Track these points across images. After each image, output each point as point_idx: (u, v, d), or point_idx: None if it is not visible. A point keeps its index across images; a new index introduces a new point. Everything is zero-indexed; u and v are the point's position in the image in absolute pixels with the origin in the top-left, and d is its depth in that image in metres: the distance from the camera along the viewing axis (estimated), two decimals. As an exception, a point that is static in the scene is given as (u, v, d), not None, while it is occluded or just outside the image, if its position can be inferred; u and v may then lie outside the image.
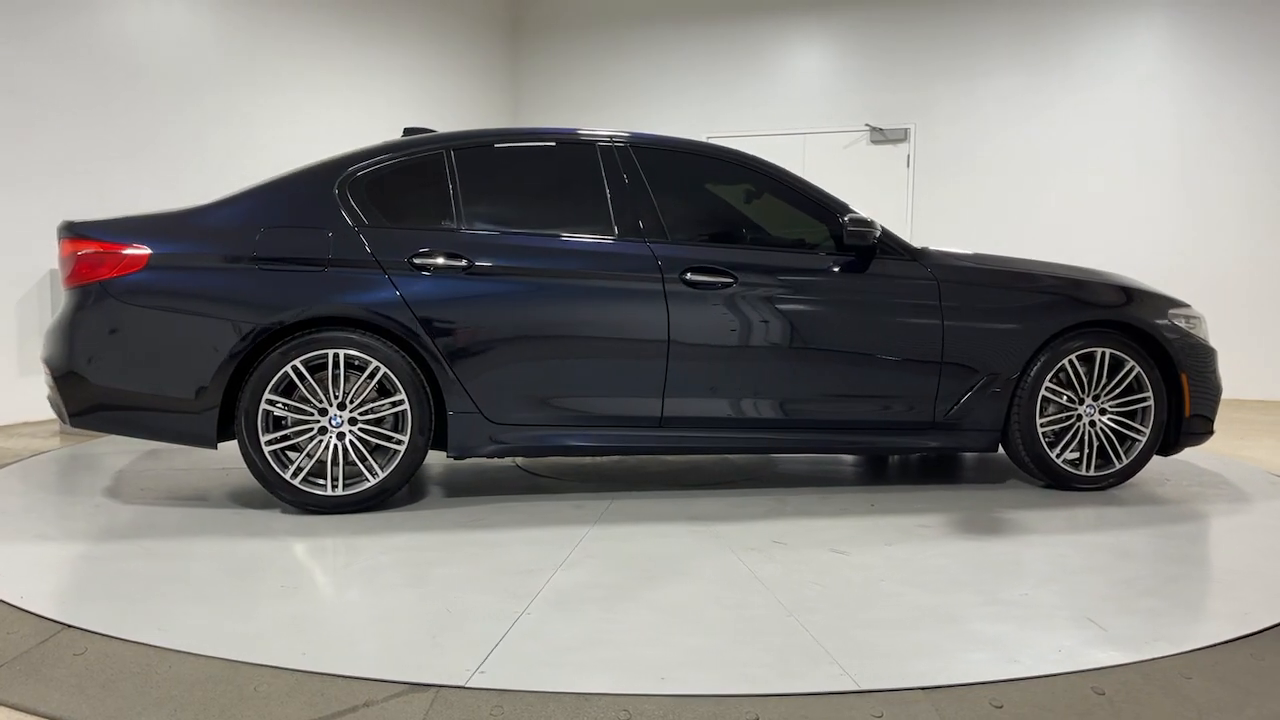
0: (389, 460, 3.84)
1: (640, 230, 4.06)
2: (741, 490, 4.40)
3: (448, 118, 9.38)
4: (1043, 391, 4.23)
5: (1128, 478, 4.39)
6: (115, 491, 4.25)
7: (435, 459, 4.93)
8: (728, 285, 4.01)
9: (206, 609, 2.77)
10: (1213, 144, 8.24)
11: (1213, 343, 4.53)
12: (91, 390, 3.78)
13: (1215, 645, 2.58)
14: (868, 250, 4.15)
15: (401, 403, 3.81)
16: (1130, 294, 4.37)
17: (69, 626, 2.64)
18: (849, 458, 5.22)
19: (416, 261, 3.86)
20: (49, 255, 6.27)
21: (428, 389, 3.86)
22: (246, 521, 3.75)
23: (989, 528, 3.78)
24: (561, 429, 3.99)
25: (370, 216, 3.94)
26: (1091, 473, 4.33)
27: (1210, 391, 4.41)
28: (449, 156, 4.09)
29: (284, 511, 3.84)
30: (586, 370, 3.97)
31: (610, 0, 10.28)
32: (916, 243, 4.41)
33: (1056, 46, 8.70)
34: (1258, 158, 8.12)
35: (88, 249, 3.81)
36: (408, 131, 4.42)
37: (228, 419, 3.82)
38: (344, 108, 8.49)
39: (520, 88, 10.71)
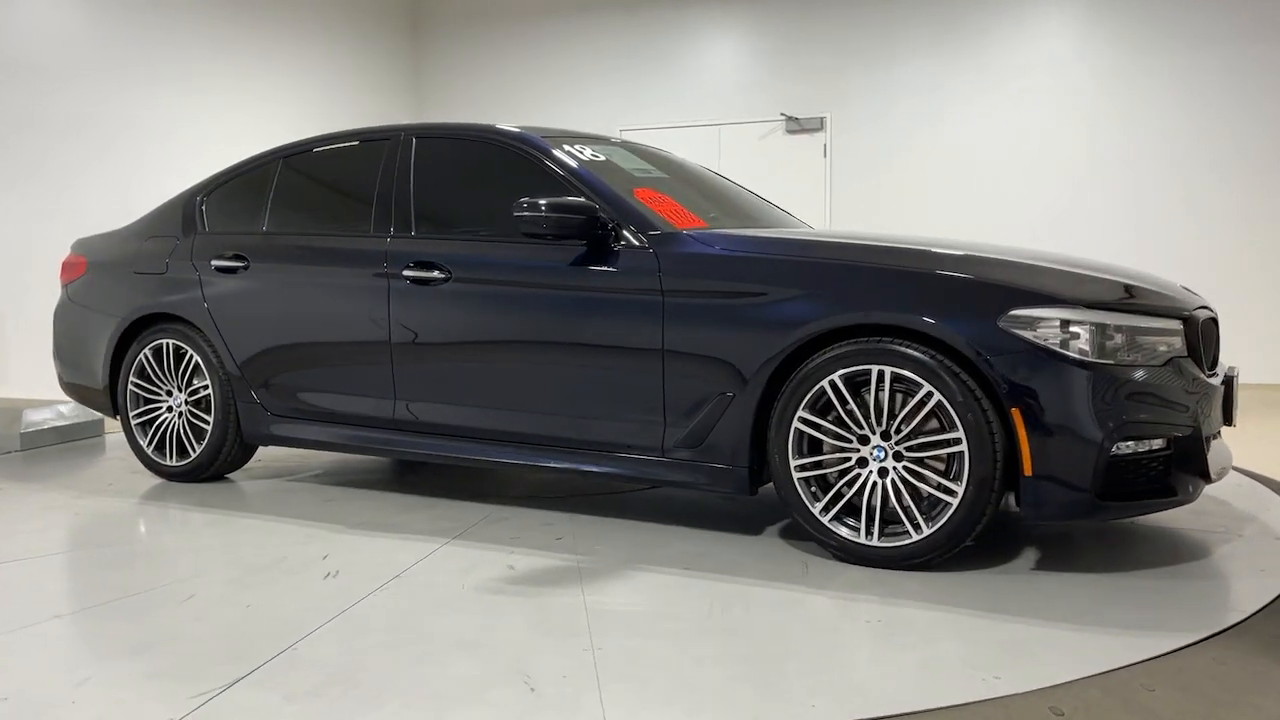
0: (204, 438, 4.32)
1: (389, 225, 3.91)
2: (512, 506, 3.94)
3: (341, 118, 8.95)
4: (795, 424, 3.08)
5: (937, 554, 2.95)
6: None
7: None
8: (442, 281, 3.69)
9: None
10: (1126, 131, 8.24)
11: (1137, 365, 2.87)
12: (62, 367, 4.82)
13: (1176, 651, 2.40)
14: (592, 238, 3.39)
15: (207, 387, 4.27)
16: (941, 284, 2.95)
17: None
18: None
19: (214, 264, 4.25)
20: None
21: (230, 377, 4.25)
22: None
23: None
24: (318, 425, 4.09)
25: (212, 225, 4.40)
26: (875, 542, 3.01)
27: (1080, 444, 2.76)
28: (278, 165, 4.35)
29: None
30: (332, 368, 4.02)
31: (515, -7, 9.98)
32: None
33: (971, 33, 8.64)
34: (1174, 142, 8.13)
35: (71, 259, 4.79)
36: None
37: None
38: (237, 110, 8.04)
39: (423, 85, 10.34)
